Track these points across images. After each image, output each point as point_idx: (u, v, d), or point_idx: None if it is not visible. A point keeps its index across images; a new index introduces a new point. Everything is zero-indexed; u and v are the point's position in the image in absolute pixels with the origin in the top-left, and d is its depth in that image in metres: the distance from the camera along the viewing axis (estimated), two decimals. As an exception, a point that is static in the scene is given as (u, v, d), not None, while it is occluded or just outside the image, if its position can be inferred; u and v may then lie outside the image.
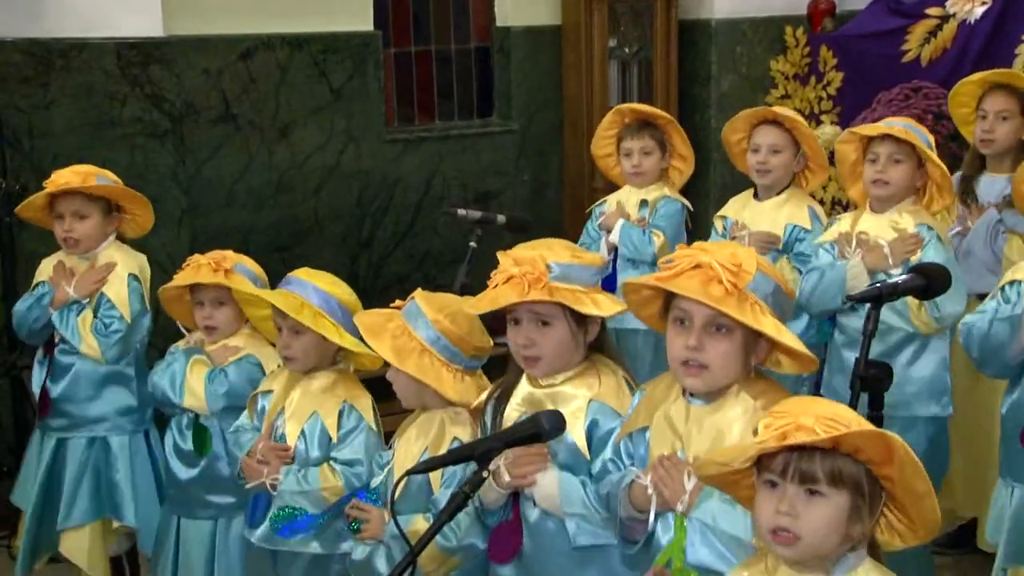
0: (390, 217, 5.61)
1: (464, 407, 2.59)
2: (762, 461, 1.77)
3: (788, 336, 2.10)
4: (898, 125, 3.44)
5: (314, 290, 2.86)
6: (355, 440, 2.84)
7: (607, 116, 4.35)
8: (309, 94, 5.33)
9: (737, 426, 2.12)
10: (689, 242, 4.22)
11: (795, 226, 3.84)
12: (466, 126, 5.89)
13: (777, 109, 4.06)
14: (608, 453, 2.35)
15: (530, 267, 2.36)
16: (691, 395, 2.21)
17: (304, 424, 2.86)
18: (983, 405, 3.52)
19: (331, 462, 2.83)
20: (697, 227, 4.67)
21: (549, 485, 2.39)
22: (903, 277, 2.52)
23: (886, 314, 2.87)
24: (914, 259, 3.21)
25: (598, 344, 2.49)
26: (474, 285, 3.86)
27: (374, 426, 2.89)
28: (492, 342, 2.68)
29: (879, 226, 3.40)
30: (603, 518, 2.34)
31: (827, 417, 1.70)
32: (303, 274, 2.91)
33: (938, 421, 3.36)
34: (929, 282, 2.49)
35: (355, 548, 2.68)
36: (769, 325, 2.08)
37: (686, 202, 4.27)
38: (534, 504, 2.44)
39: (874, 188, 3.41)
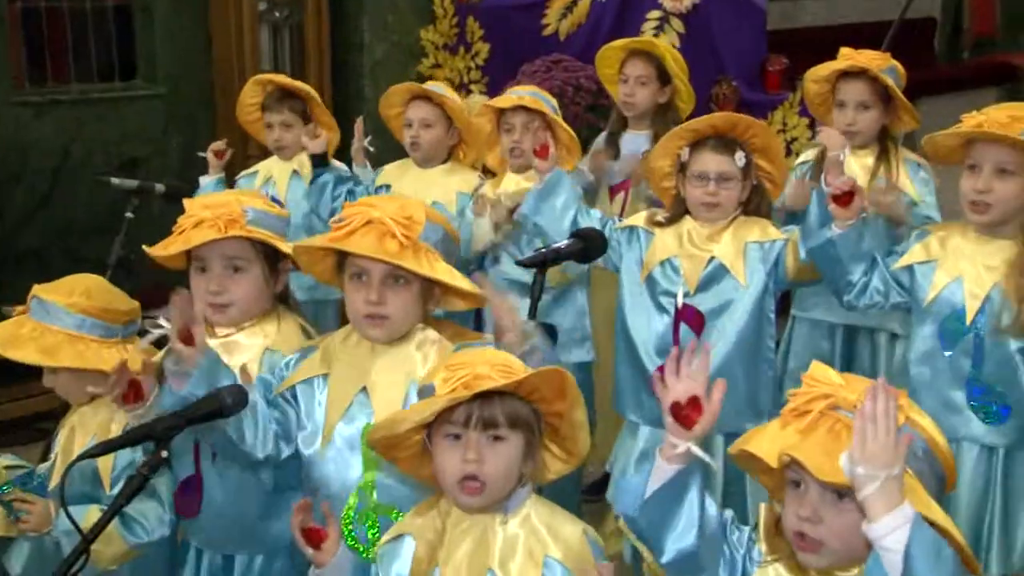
0: (23, 186, 5.20)
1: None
2: (441, 415, 1.85)
3: (460, 279, 2.22)
4: (528, 95, 3.68)
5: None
6: None
7: (247, 85, 4.24)
8: (-78, 50, 4.82)
9: (420, 356, 2.21)
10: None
11: (465, 194, 3.96)
12: (106, 89, 5.55)
13: (426, 85, 4.15)
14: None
15: (225, 209, 2.34)
16: None
17: None
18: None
19: None
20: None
21: None
22: (565, 243, 2.70)
23: None
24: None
25: (282, 295, 2.51)
26: (131, 257, 3.71)
27: None
28: (138, 304, 2.60)
29: (519, 187, 3.61)
30: None
31: (501, 364, 1.83)
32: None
33: (583, 367, 3.65)
34: (587, 246, 2.69)
35: (17, 543, 2.51)
36: (443, 272, 2.18)
37: (344, 167, 4.27)
38: (212, 462, 2.43)
39: (512, 158, 3.65)
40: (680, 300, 2.93)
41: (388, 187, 4.08)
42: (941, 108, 5.74)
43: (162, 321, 2.14)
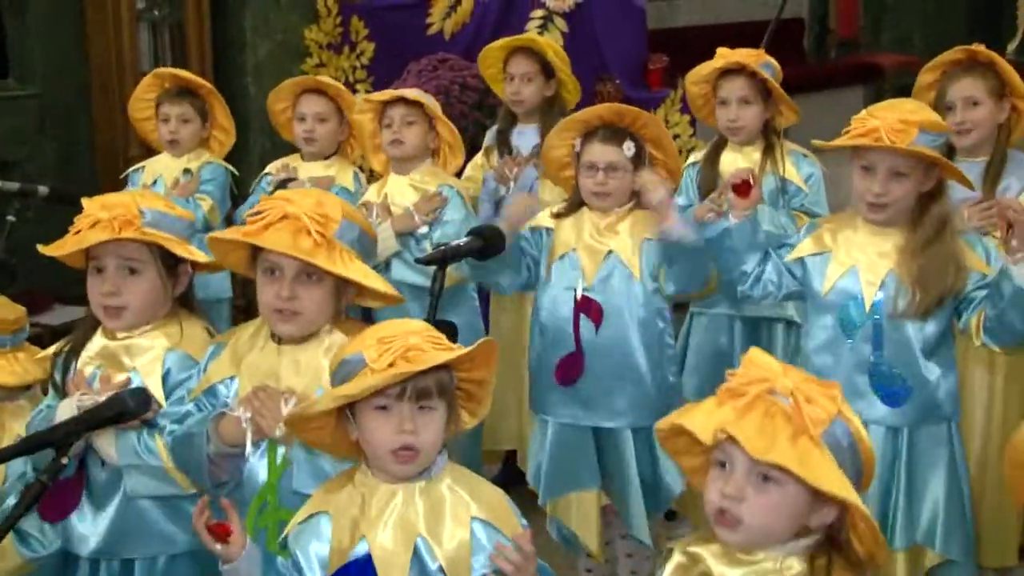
0: None
1: (34, 384, 2.44)
2: None
3: (375, 280, 2.23)
4: (411, 92, 3.69)
5: None
6: None
7: (146, 78, 4.21)
8: None
9: (327, 362, 2.17)
10: (234, 206, 4.22)
11: (342, 188, 3.95)
12: (-23, 90, 5.37)
13: (321, 78, 4.15)
14: (190, 407, 2.31)
15: (122, 210, 2.31)
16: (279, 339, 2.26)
17: None
18: (520, 344, 3.81)
19: None
20: (242, 194, 4.64)
21: (106, 440, 2.33)
22: (464, 240, 2.72)
23: None
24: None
25: (184, 298, 2.48)
26: (13, 262, 3.60)
27: None
28: (24, 310, 2.55)
29: (403, 188, 3.63)
30: (162, 467, 2.30)
31: (427, 334, 1.87)
32: None
33: None
34: (485, 244, 2.73)
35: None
36: (357, 271, 2.19)
37: (230, 167, 4.23)
38: (102, 465, 2.38)
39: (391, 149, 3.63)
40: (579, 292, 2.99)
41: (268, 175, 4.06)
42: (812, 105, 5.90)
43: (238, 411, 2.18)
